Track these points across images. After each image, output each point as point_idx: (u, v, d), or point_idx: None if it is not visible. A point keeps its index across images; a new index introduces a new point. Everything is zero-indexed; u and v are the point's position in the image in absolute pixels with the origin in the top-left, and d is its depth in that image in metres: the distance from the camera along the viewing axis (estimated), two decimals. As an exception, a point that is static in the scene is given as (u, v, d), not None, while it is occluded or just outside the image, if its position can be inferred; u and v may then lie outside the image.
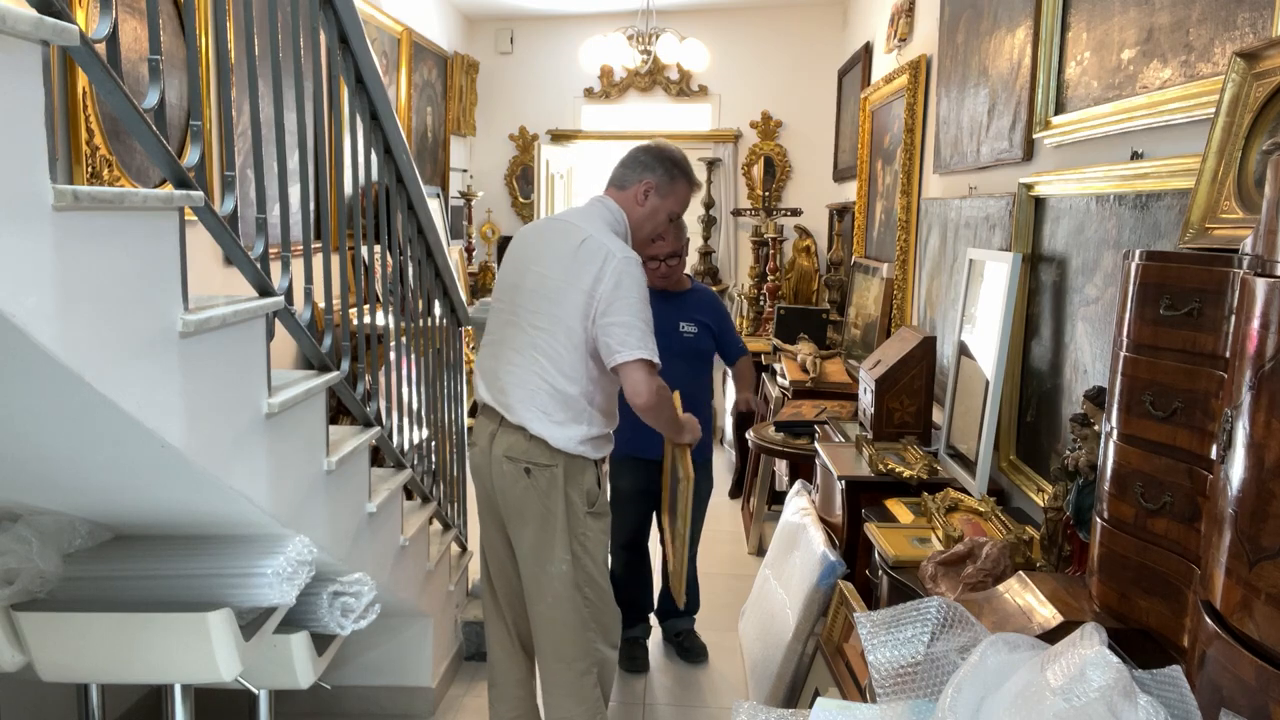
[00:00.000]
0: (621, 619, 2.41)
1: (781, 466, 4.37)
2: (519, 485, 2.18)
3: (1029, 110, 2.49)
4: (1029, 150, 2.56)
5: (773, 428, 3.92)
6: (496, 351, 2.26)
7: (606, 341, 2.10)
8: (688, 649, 3.30)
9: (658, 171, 2.31)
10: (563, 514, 2.17)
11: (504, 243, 7.08)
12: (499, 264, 6.86)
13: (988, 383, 2.47)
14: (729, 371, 3.49)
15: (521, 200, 7.01)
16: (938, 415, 3.06)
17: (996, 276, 2.53)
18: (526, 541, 2.19)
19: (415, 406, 2.72)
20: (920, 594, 1.90)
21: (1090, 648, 1.07)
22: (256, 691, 2.02)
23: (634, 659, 3.21)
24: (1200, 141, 1.53)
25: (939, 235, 3.44)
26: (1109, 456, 1.42)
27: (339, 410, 2.90)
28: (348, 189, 3.02)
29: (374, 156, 2.34)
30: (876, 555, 2.24)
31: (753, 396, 3.51)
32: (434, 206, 3.71)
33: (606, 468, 2.40)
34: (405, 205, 2.56)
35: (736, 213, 6.65)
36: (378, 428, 2.33)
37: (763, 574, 3.14)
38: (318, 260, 2.17)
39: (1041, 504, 2.11)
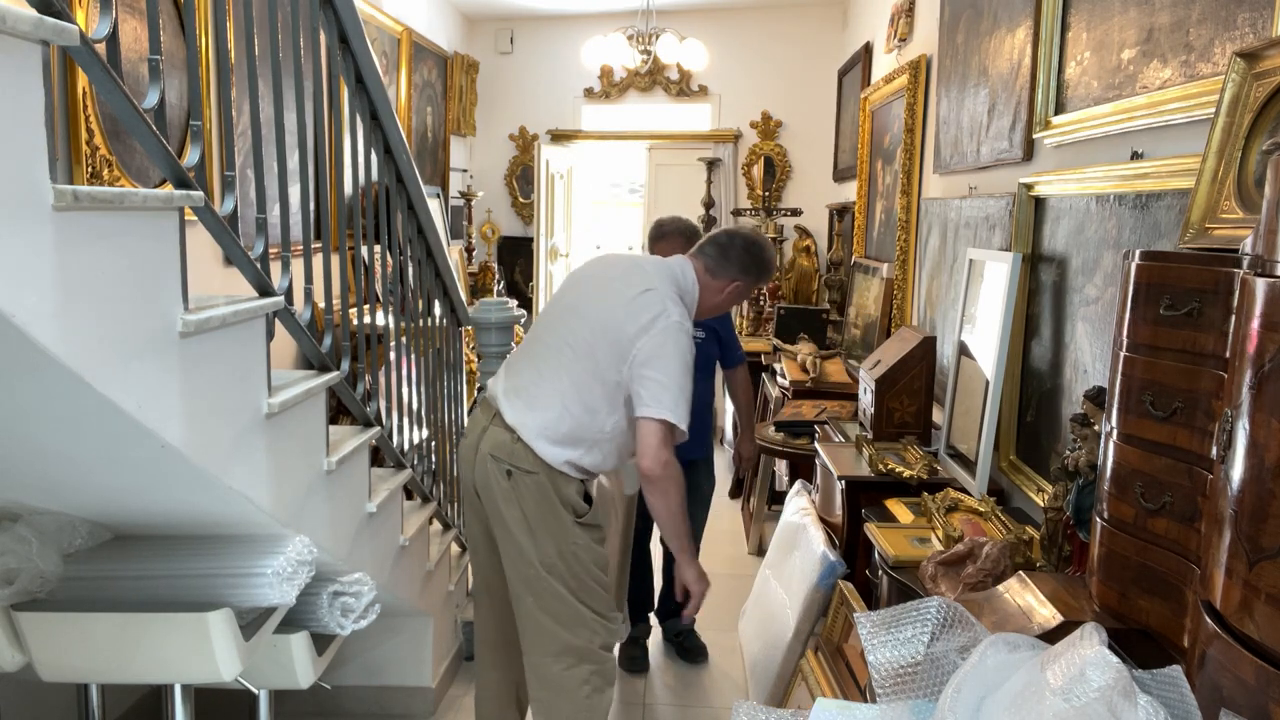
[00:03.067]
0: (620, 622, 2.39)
1: (781, 466, 4.37)
2: (500, 486, 2.15)
3: (1029, 110, 2.49)
4: (1029, 150, 2.55)
5: (773, 428, 3.92)
6: (527, 355, 2.27)
7: (638, 391, 2.11)
8: (688, 649, 3.30)
9: (750, 275, 2.38)
10: (545, 516, 2.14)
11: (504, 243, 7.08)
12: (499, 264, 6.88)
13: (988, 383, 2.47)
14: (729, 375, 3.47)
15: (521, 200, 7.01)
16: (938, 415, 3.06)
17: (996, 276, 2.53)
18: (511, 543, 2.17)
19: (415, 406, 2.72)
20: (920, 594, 1.90)
21: (1090, 648, 1.07)
22: (256, 691, 2.02)
23: (634, 659, 3.21)
24: (1200, 141, 1.53)
25: (939, 235, 3.44)
26: (1109, 456, 1.42)
27: (339, 410, 2.90)
28: (348, 189, 3.02)
29: (374, 156, 2.34)
30: (876, 555, 2.24)
31: (754, 445, 3.53)
32: (434, 206, 3.71)
33: (593, 488, 2.34)
34: (405, 205, 2.56)
35: (736, 213, 6.65)
36: (378, 428, 2.33)
37: (763, 574, 3.14)
38: (318, 260, 2.17)
39: (1041, 504, 2.11)
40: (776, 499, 4.31)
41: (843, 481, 2.66)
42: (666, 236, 3.14)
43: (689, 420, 2.14)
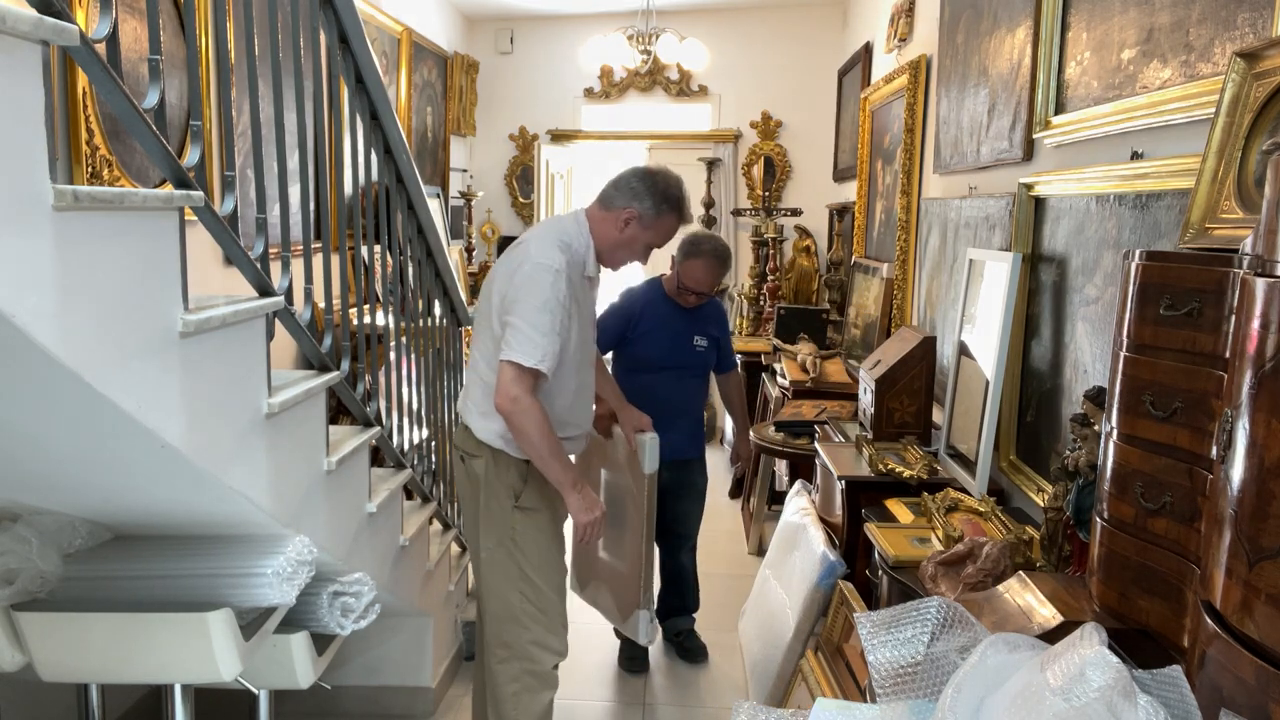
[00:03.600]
0: (568, 627, 2.37)
1: (781, 466, 4.37)
2: (460, 472, 2.36)
3: (1029, 110, 2.49)
4: (1029, 150, 2.55)
5: (773, 428, 3.92)
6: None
7: (501, 339, 2.14)
8: (688, 649, 3.30)
9: (645, 203, 2.24)
10: (488, 504, 2.26)
11: (504, 243, 7.08)
12: (499, 264, 6.88)
13: (988, 383, 2.46)
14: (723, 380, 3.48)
15: (521, 200, 7.01)
16: (938, 415, 3.06)
17: (996, 276, 2.53)
18: (465, 526, 2.39)
19: (415, 406, 2.72)
20: (920, 594, 1.90)
21: (1090, 648, 1.07)
22: (256, 691, 2.02)
23: (634, 659, 3.21)
24: (1200, 141, 1.52)
25: (939, 235, 3.44)
26: (1109, 456, 1.42)
27: (339, 410, 2.90)
28: (348, 189, 3.02)
29: (374, 156, 2.34)
30: (876, 555, 2.24)
31: (750, 444, 3.64)
32: (434, 206, 3.71)
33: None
34: (405, 205, 2.56)
35: (736, 213, 6.65)
36: (378, 428, 2.33)
37: (763, 574, 3.14)
38: (318, 260, 2.17)
39: (1041, 504, 2.11)
40: (776, 499, 4.31)
41: (843, 481, 2.66)
42: (702, 255, 3.02)
43: (551, 359, 2.09)
